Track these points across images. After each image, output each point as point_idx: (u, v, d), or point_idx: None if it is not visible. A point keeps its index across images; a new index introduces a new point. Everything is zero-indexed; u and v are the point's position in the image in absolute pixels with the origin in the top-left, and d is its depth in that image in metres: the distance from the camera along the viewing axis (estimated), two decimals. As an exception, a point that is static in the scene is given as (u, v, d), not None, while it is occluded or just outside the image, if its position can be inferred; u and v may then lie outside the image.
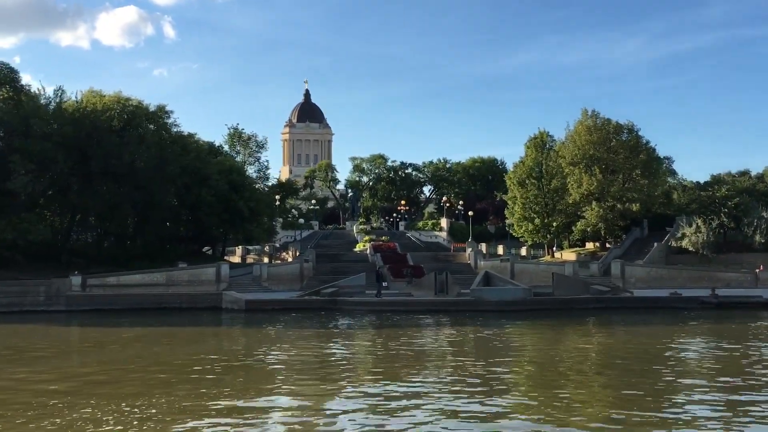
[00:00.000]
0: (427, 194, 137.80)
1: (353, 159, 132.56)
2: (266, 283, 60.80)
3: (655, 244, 70.12)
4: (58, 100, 60.70)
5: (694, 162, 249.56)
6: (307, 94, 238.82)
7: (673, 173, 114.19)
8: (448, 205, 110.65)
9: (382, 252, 77.97)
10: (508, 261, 69.47)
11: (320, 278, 62.18)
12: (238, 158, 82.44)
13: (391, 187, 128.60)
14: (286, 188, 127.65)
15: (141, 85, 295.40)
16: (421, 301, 45.70)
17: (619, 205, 72.09)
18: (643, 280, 59.93)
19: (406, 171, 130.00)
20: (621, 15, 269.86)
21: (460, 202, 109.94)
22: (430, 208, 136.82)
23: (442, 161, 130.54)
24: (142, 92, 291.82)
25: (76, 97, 61.62)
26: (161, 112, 68.47)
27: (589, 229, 74.07)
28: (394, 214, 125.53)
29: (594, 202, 72.48)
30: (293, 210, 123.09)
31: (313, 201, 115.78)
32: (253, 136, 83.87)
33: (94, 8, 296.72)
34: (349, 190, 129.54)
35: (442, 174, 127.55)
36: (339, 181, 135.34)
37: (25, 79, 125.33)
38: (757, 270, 59.34)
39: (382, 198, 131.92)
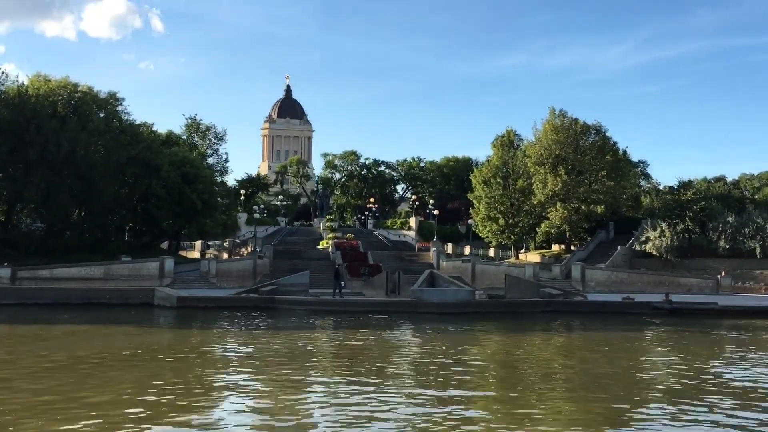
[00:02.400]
0: (401, 193, 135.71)
1: (325, 155, 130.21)
2: (214, 280, 58.45)
3: (619, 248, 68.46)
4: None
5: (676, 168, 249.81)
6: (288, 90, 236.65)
7: (648, 177, 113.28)
8: (417, 203, 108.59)
9: (343, 250, 75.95)
10: (469, 261, 67.75)
11: (276, 275, 59.77)
12: (204, 149, 79.70)
13: (363, 185, 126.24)
14: (255, 183, 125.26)
15: (127, 78, 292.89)
16: (359, 302, 43.58)
17: (583, 207, 70.35)
18: (603, 284, 58.48)
19: (379, 168, 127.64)
20: (609, 20, 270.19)
21: (431, 201, 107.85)
22: (405, 206, 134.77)
23: (416, 160, 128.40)
24: (127, 85, 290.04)
25: (17, 81, 58.98)
26: (112, 99, 66.06)
27: (553, 231, 72.36)
28: (366, 212, 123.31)
29: (558, 203, 70.73)
30: (261, 206, 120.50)
31: (280, 197, 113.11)
32: (212, 127, 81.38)
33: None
34: (320, 187, 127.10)
35: (416, 172, 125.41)
36: (311, 177, 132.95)
37: (10, 68, 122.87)
38: (719, 276, 57.90)
39: (356, 195, 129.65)
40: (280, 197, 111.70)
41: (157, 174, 64.01)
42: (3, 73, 57.98)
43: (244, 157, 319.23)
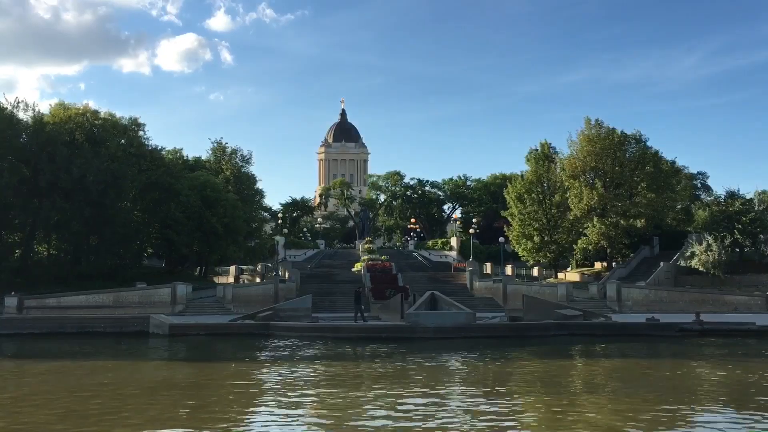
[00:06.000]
0: (447, 212, 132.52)
1: (369, 176, 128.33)
2: (230, 306, 56.75)
3: (662, 264, 63.67)
4: (16, 113, 58.28)
5: (750, 182, 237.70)
6: (343, 114, 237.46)
7: (708, 189, 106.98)
8: (459, 223, 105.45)
9: (373, 272, 73.59)
10: (500, 282, 64.33)
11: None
12: (228, 173, 79.02)
13: (408, 205, 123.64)
14: (300, 206, 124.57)
15: (197, 109, 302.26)
16: (352, 327, 40.83)
17: (623, 221, 65.85)
18: (640, 303, 54.26)
19: (425, 188, 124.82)
20: (677, 31, 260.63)
21: (473, 220, 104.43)
22: (453, 226, 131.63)
23: (461, 178, 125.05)
24: (198, 116, 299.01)
25: (34, 110, 59.17)
26: (133, 125, 65.99)
27: (590, 248, 68.01)
28: (411, 234, 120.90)
29: (595, 218, 66.48)
30: (305, 229, 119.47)
31: (319, 220, 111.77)
32: (237, 150, 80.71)
33: (156, 36, 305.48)
34: (361, 209, 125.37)
35: (462, 191, 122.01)
36: (355, 199, 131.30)
37: (90, 104, 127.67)
38: (769, 293, 52.82)
39: (402, 217, 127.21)
40: (319, 220, 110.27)
41: (176, 198, 63.26)
42: (18, 102, 58.37)
43: (304, 183, 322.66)
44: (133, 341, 39.53)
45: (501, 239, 77.22)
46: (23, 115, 58.74)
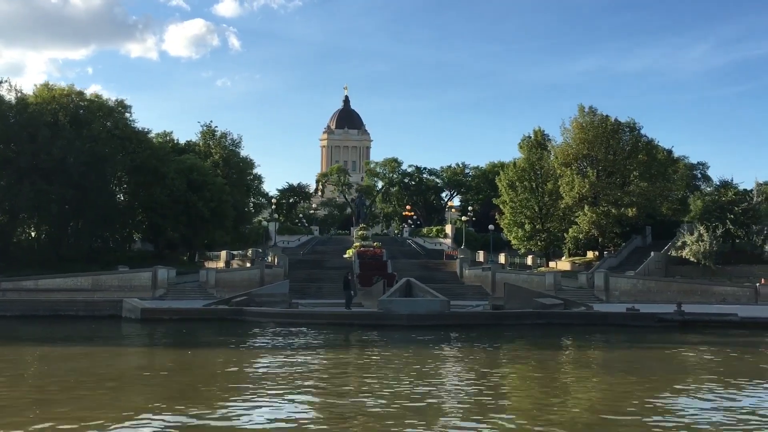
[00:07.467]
0: (445, 200, 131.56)
1: (367, 163, 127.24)
2: (213, 290, 56.12)
3: (652, 254, 62.72)
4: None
5: (752, 172, 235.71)
6: (346, 100, 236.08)
7: (708, 179, 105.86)
8: (455, 211, 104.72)
9: (363, 259, 72.95)
10: (489, 270, 63.58)
11: (290, 285, 57.27)
12: (217, 156, 78.17)
13: (405, 192, 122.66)
14: (297, 192, 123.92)
15: (204, 95, 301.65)
16: (327, 314, 40.25)
17: (614, 210, 64.82)
18: (627, 293, 53.52)
19: (422, 176, 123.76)
20: (687, 19, 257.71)
21: (470, 208, 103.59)
22: (451, 214, 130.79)
23: (460, 166, 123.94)
24: (204, 101, 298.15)
25: (17, 91, 58.48)
26: (120, 107, 65.27)
27: (581, 237, 67.03)
28: (409, 221, 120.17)
29: (586, 207, 65.46)
30: (301, 215, 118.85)
31: (314, 206, 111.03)
32: (227, 133, 79.87)
33: (163, 21, 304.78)
34: (357, 195, 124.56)
35: (459, 179, 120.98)
36: (352, 186, 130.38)
37: (95, 89, 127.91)
38: (758, 284, 51.85)
39: (400, 204, 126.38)
40: (315, 206, 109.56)
41: (162, 182, 62.58)
42: (1, 81, 57.65)
43: (307, 169, 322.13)
44: (104, 325, 39.01)
45: (491, 227, 76.29)
46: (7, 95, 58.32)
